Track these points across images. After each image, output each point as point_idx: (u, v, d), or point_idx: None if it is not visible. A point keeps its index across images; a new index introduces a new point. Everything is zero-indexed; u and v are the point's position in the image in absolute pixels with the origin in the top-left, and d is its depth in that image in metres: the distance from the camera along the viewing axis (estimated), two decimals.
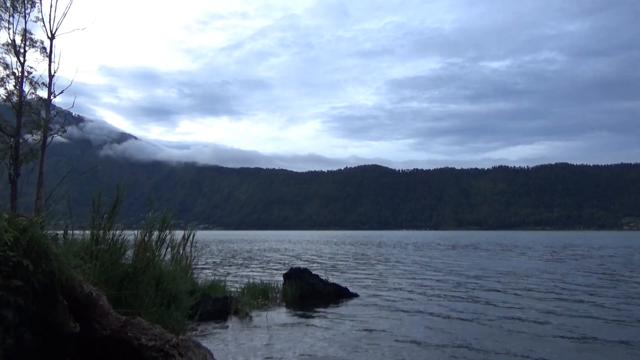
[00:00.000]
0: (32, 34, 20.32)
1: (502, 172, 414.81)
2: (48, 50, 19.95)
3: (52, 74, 19.77)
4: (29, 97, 20.16)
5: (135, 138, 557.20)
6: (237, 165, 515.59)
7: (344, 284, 12.77)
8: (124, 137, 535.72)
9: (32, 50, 20.16)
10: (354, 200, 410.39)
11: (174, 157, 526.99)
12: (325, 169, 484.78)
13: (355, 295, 12.13)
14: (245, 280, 13.50)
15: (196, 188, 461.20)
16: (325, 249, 42.32)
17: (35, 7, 20.27)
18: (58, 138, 20.48)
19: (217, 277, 11.70)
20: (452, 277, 17.06)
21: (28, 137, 19.79)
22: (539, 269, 20.75)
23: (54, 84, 19.85)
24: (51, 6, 19.91)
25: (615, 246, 47.69)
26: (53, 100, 20.11)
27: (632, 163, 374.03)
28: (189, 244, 9.63)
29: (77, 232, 6.50)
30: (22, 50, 19.88)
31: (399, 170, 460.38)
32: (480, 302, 11.38)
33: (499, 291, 13.30)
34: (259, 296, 10.93)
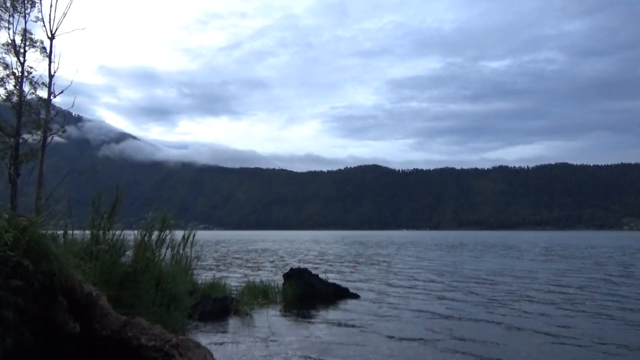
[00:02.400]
0: (32, 34, 20.32)
1: (502, 172, 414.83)
2: (48, 50, 19.95)
3: (52, 74, 19.78)
4: (29, 97, 20.16)
5: (134, 138, 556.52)
6: (235, 165, 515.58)
7: (344, 284, 12.77)
8: (122, 137, 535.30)
9: (32, 50, 20.15)
10: (354, 200, 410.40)
11: (173, 157, 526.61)
12: (325, 169, 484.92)
13: (356, 296, 12.12)
14: (245, 280, 13.50)
15: (196, 188, 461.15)
16: (326, 249, 42.32)
17: (35, 7, 20.27)
18: (57, 138, 20.47)
19: (217, 277, 11.69)
20: (451, 277, 17.06)
21: (28, 137, 19.79)
22: (532, 269, 20.77)
23: (53, 84, 19.86)
24: (51, 6, 19.92)
25: (606, 246, 47.68)
26: (53, 100, 20.11)
27: (632, 163, 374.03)
28: (189, 244, 9.64)
29: (77, 232, 6.51)
30: (22, 50, 19.88)
31: (399, 170, 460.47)
32: (479, 301, 11.37)
33: (497, 290, 13.29)
34: (259, 296, 10.93)
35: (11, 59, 19.82)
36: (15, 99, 19.54)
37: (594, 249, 42.12)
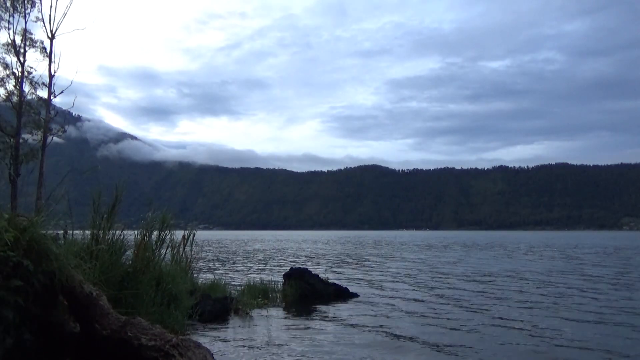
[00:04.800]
0: (32, 34, 20.35)
1: (502, 172, 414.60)
2: (48, 50, 19.97)
3: (52, 74, 19.79)
4: (29, 97, 20.18)
5: (134, 138, 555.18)
6: (234, 165, 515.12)
7: (344, 284, 12.77)
8: (122, 136, 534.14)
9: (32, 50, 20.19)
10: (354, 200, 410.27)
11: (173, 157, 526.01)
12: (325, 169, 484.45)
13: (355, 295, 12.13)
14: (245, 280, 13.50)
15: (196, 188, 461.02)
16: (325, 249, 42.32)
17: (35, 7, 20.30)
18: (55, 138, 20.49)
19: (217, 277, 11.70)
20: (450, 277, 17.06)
21: (28, 137, 19.80)
22: (533, 269, 20.79)
23: (54, 84, 19.88)
24: (51, 6, 19.94)
25: (597, 246, 47.72)
26: (53, 100, 20.13)
27: (632, 163, 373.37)
28: (189, 244, 9.63)
29: (77, 232, 6.50)
30: (22, 50, 19.90)
31: (399, 170, 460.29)
32: (477, 301, 11.38)
33: (497, 291, 13.30)
34: (259, 296, 10.93)
35: (11, 59, 19.86)
36: (15, 99, 19.56)
37: (581, 249, 42.15)
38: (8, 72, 19.79)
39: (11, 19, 19.86)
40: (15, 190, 17.83)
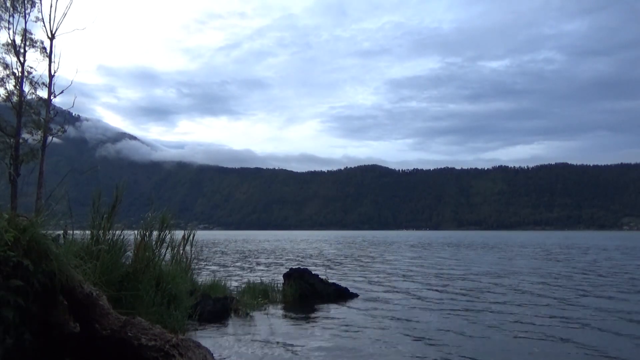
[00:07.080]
0: (32, 34, 20.32)
1: (502, 172, 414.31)
2: (48, 50, 19.95)
3: (52, 74, 19.77)
4: (29, 97, 20.16)
5: (133, 137, 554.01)
6: (232, 165, 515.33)
7: (343, 284, 12.77)
8: (120, 136, 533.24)
9: (32, 50, 20.15)
10: (354, 200, 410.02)
11: (172, 157, 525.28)
12: (325, 169, 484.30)
13: (355, 295, 12.13)
14: (245, 280, 13.50)
15: (196, 188, 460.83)
16: (325, 248, 42.32)
17: (35, 7, 20.27)
18: (55, 138, 20.46)
19: (217, 277, 11.70)
20: (449, 277, 17.08)
21: (28, 137, 19.78)
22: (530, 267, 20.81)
23: (54, 84, 19.85)
24: (51, 6, 19.91)
25: (591, 246, 47.72)
26: (53, 100, 20.11)
27: (632, 163, 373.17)
28: (189, 244, 9.63)
29: (77, 232, 6.51)
30: (22, 50, 19.87)
31: (399, 170, 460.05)
32: (477, 299, 11.39)
33: (496, 291, 13.31)
34: (259, 296, 10.93)
35: (11, 59, 19.82)
36: (15, 99, 19.54)
37: (574, 249, 42.16)
38: (8, 72, 19.76)
39: (11, 19, 19.83)
40: (15, 190, 17.81)
